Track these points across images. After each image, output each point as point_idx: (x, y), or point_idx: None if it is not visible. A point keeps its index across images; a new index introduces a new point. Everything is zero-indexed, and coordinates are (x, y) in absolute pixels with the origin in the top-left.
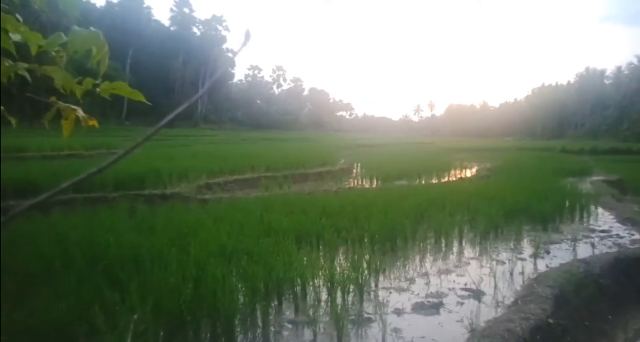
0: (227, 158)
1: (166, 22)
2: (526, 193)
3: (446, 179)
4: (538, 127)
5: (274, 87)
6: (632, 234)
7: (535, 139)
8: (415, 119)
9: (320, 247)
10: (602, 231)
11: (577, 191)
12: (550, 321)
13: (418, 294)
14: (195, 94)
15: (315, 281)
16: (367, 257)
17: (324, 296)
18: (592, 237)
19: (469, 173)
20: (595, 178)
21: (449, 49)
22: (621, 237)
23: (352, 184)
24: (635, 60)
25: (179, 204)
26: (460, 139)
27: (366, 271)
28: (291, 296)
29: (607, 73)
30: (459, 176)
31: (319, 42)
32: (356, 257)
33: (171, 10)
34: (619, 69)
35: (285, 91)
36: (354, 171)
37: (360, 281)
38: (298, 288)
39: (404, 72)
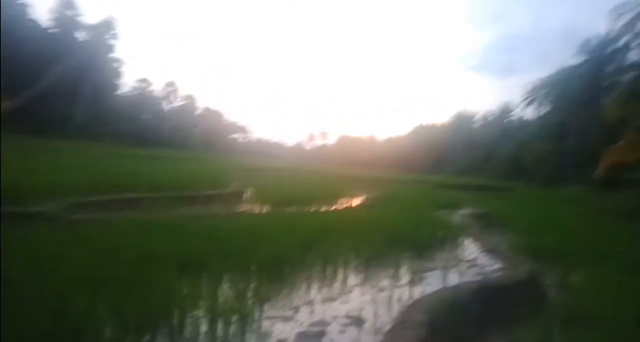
0: (105, 175)
1: (47, 24)
2: (405, 223)
3: (335, 207)
4: (418, 162)
5: (164, 103)
6: (494, 264)
7: (416, 173)
8: (309, 146)
9: (204, 275)
10: (469, 260)
11: (449, 222)
12: None
13: (302, 323)
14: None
15: (196, 312)
16: (253, 285)
17: (204, 328)
18: (461, 266)
19: (355, 202)
20: (464, 211)
21: (342, 83)
22: (485, 266)
23: (242, 209)
24: (498, 109)
25: (43, 224)
26: (349, 168)
27: (251, 301)
28: (167, 330)
29: (477, 117)
30: (346, 205)
31: (215, 62)
32: (241, 286)
33: (51, 11)
34: (486, 114)
35: (176, 108)
36: (246, 195)
37: (244, 311)
38: (175, 320)
39: (299, 100)
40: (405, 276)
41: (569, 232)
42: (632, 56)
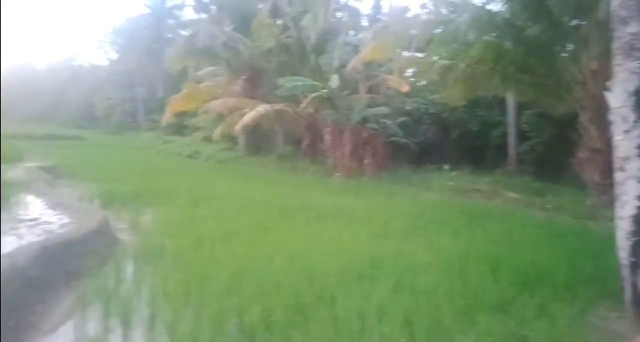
0: None
1: None
2: None
3: None
4: None
5: None
6: (62, 218)
7: None
8: None
9: None
10: (32, 219)
11: (6, 180)
12: None
13: None
14: None
15: None
16: None
17: None
18: (20, 228)
19: None
20: (29, 164)
21: None
22: (50, 223)
23: None
24: (66, 53)
25: None
26: None
27: None
28: None
29: (40, 61)
30: None
31: None
32: None
33: None
34: (52, 58)
35: None
36: None
37: None
38: None
39: None
40: None
41: (141, 176)
42: (189, 13)
